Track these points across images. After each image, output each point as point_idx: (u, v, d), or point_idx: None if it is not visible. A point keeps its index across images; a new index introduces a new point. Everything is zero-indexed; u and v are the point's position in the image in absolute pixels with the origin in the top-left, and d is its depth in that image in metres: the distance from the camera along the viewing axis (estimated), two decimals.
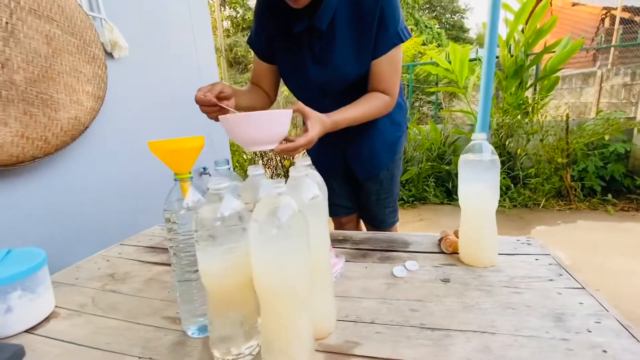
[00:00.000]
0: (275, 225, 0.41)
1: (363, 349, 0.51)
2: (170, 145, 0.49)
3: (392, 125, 1.00)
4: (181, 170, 0.51)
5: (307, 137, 0.71)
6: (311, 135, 0.72)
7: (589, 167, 2.96)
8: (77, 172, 1.04)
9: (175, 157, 0.50)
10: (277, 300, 0.44)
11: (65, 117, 0.87)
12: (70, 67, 0.88)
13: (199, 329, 0.56)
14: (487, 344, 0.50)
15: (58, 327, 0.61)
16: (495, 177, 0.68)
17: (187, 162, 0.51)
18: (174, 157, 0.50)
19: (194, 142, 0.51)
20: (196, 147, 0.51)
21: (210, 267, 0.46)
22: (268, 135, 0.65)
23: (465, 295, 0.62)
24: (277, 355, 0.45)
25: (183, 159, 0.50)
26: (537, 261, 0.73)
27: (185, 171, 0.51)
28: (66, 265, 0.85)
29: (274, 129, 0.65)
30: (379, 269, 0.74)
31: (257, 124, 0.63)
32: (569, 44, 3.16)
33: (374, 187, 1.04)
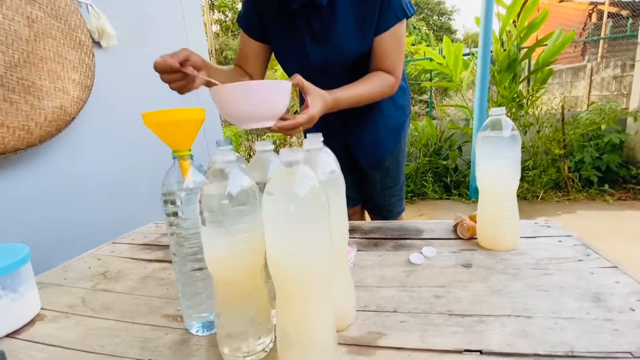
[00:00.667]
0: (292, 199, 0.35)
1: (389, 339, 0.46)
2: (167, 117, 0.43)
3: (396, 110, 0.96)
4: (180, 146, 0.45)
5: (307, 114, 0.65)
6: (312, 112, 0.65)
7: (585, 158, 2.97)
8: (64, 166, 0.97)
9: (172, 130, 0.44)
10: (295, 286, 0.38)
11: (50, 105, 0.81)
12: (54, 52, 0.81)
13: (204, 326, 0.50)
14: (524, 329, 0.45)
15: (44, 330, 0.54)
16: (516, 154, 0.64)
17: (187, 137, 0.45)
18: (171, 131, 0.44)
19: (194, 114, 0.45)
20: (196, 120, 0.46)
21: (218, 253, 0.41)
22: (267, 110, 0.58)
23: (490, 280, 0.58)
24: (295, 350, 0.40)
25: (182, 133, 0.45)
26: (561, 242, 0.69)
27: (184, 148, 0.46)
28: (53, 267, 0.78)
29: (274, 102, 0.59)
30: (393, 257, 0.69)
31: (256, 95, 0.56)
32: (560, 37, 3.18)
33: (379, 175, 0.99)
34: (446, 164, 3.37)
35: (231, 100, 0.57)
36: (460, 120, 3.78)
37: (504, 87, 3.32)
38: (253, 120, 0.59)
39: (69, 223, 1.00)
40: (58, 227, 0.96)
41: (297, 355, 0.40)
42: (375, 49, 0.82)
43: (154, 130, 0.44)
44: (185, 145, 0.46)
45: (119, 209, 1.14)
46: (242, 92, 0.56)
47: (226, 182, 0.40)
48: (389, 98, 0.94)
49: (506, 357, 0.41)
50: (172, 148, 0.46)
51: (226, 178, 0.40)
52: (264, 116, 0.59)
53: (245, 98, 0.56)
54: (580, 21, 5.82)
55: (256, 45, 0.89)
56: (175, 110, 0.43)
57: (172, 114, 0.43)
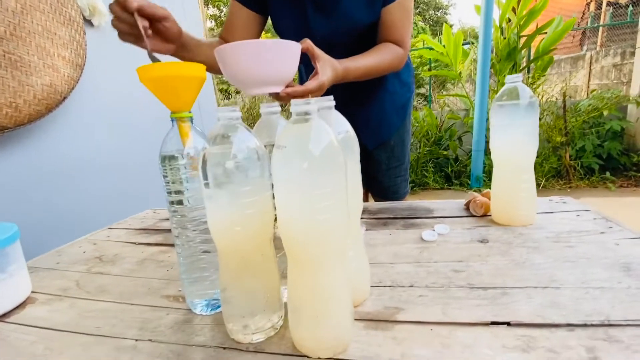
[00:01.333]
0: (306, 155, 0.32)
1: (407, 314, 0.42)
2: (164, 71, 0.39)
3: (401, 86, 0.92)
4: (179, 106, 0.42)
5: (317, 81, 0.60)
6: (322, 80, 0.61)
7: (586, 145, 2.95)
8: (56, 148, 0.92)
9: (171, 87, 0.40)
10: (309, 254, 0.35)
11: (39, 82, 0.76)
12: (42, 27, 0.77)
13: (208, 305, 0.47)
14: (553, 299, 0.42)
15: (35, 313, 0.51)
16: (534, 123, 0.61)
17: (186, 96, 0.41)
18: (169, 88, 0.40)
19: (195, 69, 0.41)
20: (197, 77, 0.42)
21: (223, 219, 0.37)
22: (277, 73, 0.54)
23: (510, 253, 0.54)
24: (309, 326, 0.36)
25: (181, 90, 0.41)
26: (580, 217, 0.66)
27: (184, 108, 0.42)
28: (45, 253, 0.74)
29: (285, 65, 0.54)
30: (404, 235, 0.66)
31: (267, 55, 0.51)
32: (560, 24, 3.14)
33: (384, 155, 0.96)
34: (447, 154, 3.34)
35: (240, 60, 0.51)
36: (460, 110, 3.75)
37: (504, 75, 3.29)
38: (262, 84, 0.54)
39: (62, 208, 0.95)
40: (50, 212, 0.92)
41: (311, 332, 0.36)
42: (383, 20, 0.78)
43: (151, 88, 0.40)
44: (185, 106, 0.42)
45: (115, 195, 1.09)
46: (253, 51, 0.51)
47: (231, 141, 0.36)
48: (394, 74, 0.90)
49: (537, 329, 0.38)
50: (170, 108, 0.42)
51: (231, 137, 0.36)
52: (274, 80, 0.54)
53: (256, 58, 0.51)
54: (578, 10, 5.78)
55: (248, 15, 0.82)
56: (174, 64, 0.39)
57: (170, 67, 0.39)
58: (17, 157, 0.83)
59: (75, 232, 0.84)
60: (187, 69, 0.40)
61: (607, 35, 4.90)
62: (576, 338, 0.36)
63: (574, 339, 0.36)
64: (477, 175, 2.72)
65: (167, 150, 0.42)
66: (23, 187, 0.87)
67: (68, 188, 0.98)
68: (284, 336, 0.41)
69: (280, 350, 0.39)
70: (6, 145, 0.81)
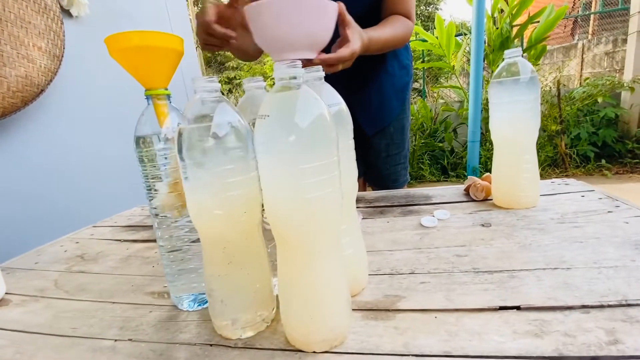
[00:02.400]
0: (292, 127, 0.28)
1: (409, 302, 0.39)
2: (136, 40, 0.35)
3: (400, 69, 0.89)
4: (153, 82, 0.38)
5: (350, 49, 0.56)
6: (354, 48, 0.57)
7: (582, 133, 2.95)
8: (34, 145, 0.88)
9: (143, 59, 0.36)
10: (299, 237, 0.31)
11: (13, 74, 0.72)
12: (15, 15, 0.72)
13: (195, 300, 0.43)
14: (564, 280, 0.39)
15: (7, 316, 0.47)
16: (535, 99, 0.58)
17: (162, 70, 0.38)
18: (141, 61, 0.36)
19: (171, 41, 0.37)
20: (173, 50, 0.38)
21: (203, 203, 0.34)
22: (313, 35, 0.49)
23: (515, 236, 0.52)
24: (301, 316, 0.33)
25: (154, 63, 0.37)
26: (584, 197, 0.63)
27: (159, 84, 0.38)
28: None
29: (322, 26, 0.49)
30: (403, 222, 0.63)
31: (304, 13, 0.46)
32: (552, 13, 3.13)
33: (383, 141, 0.93)
34: (442, 146, 3.32)
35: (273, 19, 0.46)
36: (454, 102, 3.73)
37: (497, 65, 3.27)
38: (297, 48, 0.49)
39: (43, 207, 0.91)
40: (30, 211, 0.87)
41: (304, 324, 0.33)
42: None
43: (121, 61, 0.36)
44: (160, 81, 0.38)
45: (98, 193, 1.05)
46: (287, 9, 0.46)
47: (209, 115, 0.33)
48: (394, 56, 0.87)
49: (550, 312, 0.35)
50: (143, 84, 0.38)
51: (209, 110, 0.33)
52: (311, 42, 0.50)
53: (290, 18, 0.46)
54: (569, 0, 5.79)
55: None
56: (147, 33, 0.35)
57: (142, 37, 0.35)
58: None
59: (57, 231, 0.79)
60: (161, 39, 0.36)
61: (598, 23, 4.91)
62: (593, 320, 0.33)
63: (591, 321, 0.33)
64: (473, 167, 2.70)
65: (143, 132, 0.39)
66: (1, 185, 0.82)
67: (49, 186, 0.93)
68: (276, 330, 0.37)
69: (272, 345, 0.35)
70: None
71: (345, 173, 0.39)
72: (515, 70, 0.58)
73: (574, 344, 0.30)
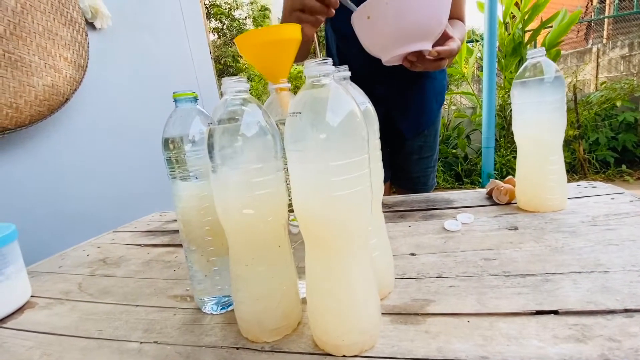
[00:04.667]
0: (323, 122, 0.28)
1: (439, 306, 0.38)
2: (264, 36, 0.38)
3: (440, 72, 0.88)
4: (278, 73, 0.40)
5: (457, 43, 0.55)
6: (458, 42, 0.56)
7: (600, 138, 2.87)
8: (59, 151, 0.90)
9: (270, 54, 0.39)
10: (328, 236, 0.31)
11: (40, 83, 0.74)
12: (43, 27, 0.75)
13: (218, 303, 0.43)
14: (603, 284, 0.38)
15: (34, 318, 0.47)
16: (561, 99, 0.57)
17: (286, 61, 0.41)
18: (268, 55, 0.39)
19: (292, 31, 0.39)
20: (295, 40, 0.40)
21: (231, 202, 0.34)
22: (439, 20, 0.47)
23: (545, 239, 0.50)
24: (330, 319, 0.32)
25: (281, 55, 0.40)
26: (614, 200, 0.61)
27: (283, 75, 0.41)
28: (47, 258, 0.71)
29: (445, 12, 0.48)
30: (425, 226, 0.62)
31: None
32: (566, 17, 3.09)
33: (417, 144, 0.92)
34: (456, 152, 3.28)
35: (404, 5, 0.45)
36: (467, 108, 3.70)
37: (510, 71, 3.23)
38: (413, 38, 0.48)
39: (65, 212, 0.93)
40: (53, 216, 0.89)
41: (333, 326, 0.32)
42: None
43: (250, 57, 0.39)
44: (284, 72, 0.41)
45: (119, 199, 1.07)
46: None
47: (238, 115, 0.33)
48: None
49: (590, 316, 0.33)
50: (269, 78, 0.41)
51: (238, 110, 0.33)
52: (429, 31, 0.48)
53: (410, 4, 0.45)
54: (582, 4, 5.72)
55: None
56: (272, 28, 0.38)
57: (269, 32, 0.38)
58: (19, 159, 0.81)
59: (79, 236, 0.81)
60: (286, 31, 0.38)
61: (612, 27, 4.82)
62: (638, 324, 0.31)
63: (636, 326, 0.31)
64: (488, 173, 2.65)
65: (171, 133, 0.39)
66: (25, 191, 0.85)
67: (71, 191, 0.96)
68: (303, 334, 0.37)
69: (299, 349, 0.35)
70: (8, 147, 0.79)
71: (372, 172, 0.39)
72: (540, 70, 0.57)
73: (621, 349, 0.29)
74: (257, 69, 0.41)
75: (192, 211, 0.40)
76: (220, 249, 0.41)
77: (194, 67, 1.48)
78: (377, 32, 0.49)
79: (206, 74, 1.57)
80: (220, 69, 10.38)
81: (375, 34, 0.50)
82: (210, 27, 12.89)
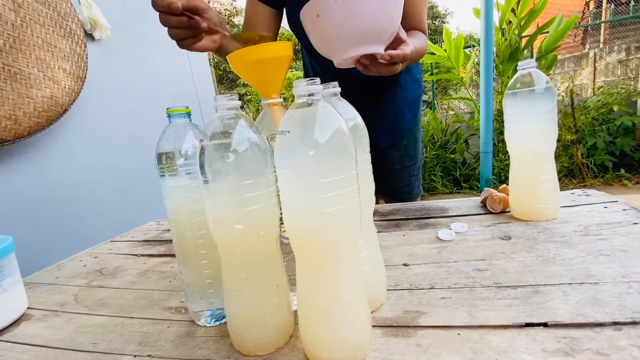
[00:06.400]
0: (311, 140, 0.29)
1: (430, 318, 0.38)
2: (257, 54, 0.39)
3: (412, 82, 0.90)
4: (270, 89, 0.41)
5: (410, 47, 0.54)
6: (411, 47, 0.55)
7: (598, 143, 2.88)
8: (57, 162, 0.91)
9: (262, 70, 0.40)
10: (318, 251, 0.31)
11: (39, 95, 0.75)
12: (42, 39, 0.77)
13: (212, 316, 0.43)
14: (593, 296, 0.38)
15: (29, 330, 0.48)
16: (552, 109, 0.57)
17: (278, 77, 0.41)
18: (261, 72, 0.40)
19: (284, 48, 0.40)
20: (287, 57, 0.41)
21: (223, 218, 0.34)
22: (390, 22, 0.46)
23: (537, 249, 0.50)
24: (320, 332, 0.33)
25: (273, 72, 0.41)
26: (607, 208, 0.61)
27: (275, 91, 0.41)
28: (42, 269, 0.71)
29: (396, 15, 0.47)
30: (419, 235, 0.62)
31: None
32: (562, 23, 3.12)
33: (397, 154, 0.93)
34: (454, 157, 3.29)
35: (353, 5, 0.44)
36: (465, 113, 3.72)
37: (508, 76, 3.26)
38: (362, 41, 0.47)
39: (63, 222, 0.93)
40: (51, 226, 0.90)
41: (324, 339, 0.33)
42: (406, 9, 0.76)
43: (243, 74, 0.40)
44: (276, 88, 0.41)
45: (116, 208, 1.07)
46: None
47: (230, 132, 0.34)
48: (405, 70, 0.88)
49: (579, 329, 0.34)
50: (262, 94, 0.41)
51: (230, 127, 0.34)
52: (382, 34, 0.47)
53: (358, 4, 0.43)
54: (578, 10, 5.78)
55: (266, 11, 0.80)
56: (265, 46, 0.39)
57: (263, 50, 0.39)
58: (18, 170, 0.82)
59: (77, 246, 0.81)
60: (279, 49, 0.39)
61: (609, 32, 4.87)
62: (626, 337, 0.32)
63: (624, 339, 0.31)
64: (486, 178, 2.65)
65: (165, 148, 0.40)
66: (24, 201, 0.85)
67: (70, 201, 0.96)
68: (295, 347, 0.37)
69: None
70: (6, 158, 0.80)
71: (362, 187, 0.39)
72: (530, 81, 0.57)
73: None
74: (250, 84, 0.42)
75: (185, 225, 0.41)
76: (213, 262, 0.42)
77: (193, 76, 1.49)
78: (327, 31, 0.47)
79: (205, 82, 1.59)
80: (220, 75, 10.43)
81: (325, 33, 0.48)
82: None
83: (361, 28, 0.46)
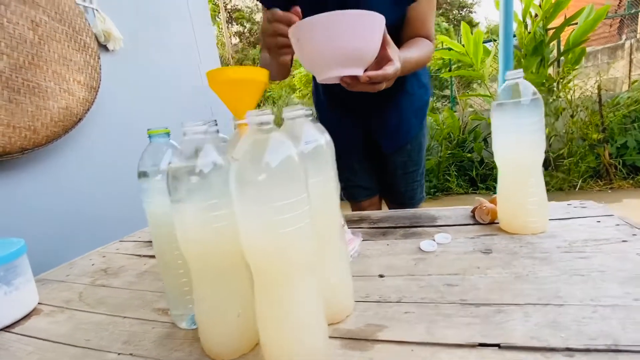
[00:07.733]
0: (260, 168, 0.31)
1: (389, 332, 0.40)
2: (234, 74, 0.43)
3: (419, 87, 0.89)
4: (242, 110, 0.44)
5: (394, 67, 0.55)
6: (397, 66, 0.56)
7: (629, 142, 2.70)
8: (72, 168, 0.99)
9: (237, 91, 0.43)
10: (272, 271, 0.34)
11: (56, 106, 0.82)
12: (58, 54, 0.83)
13: (192, 319, 0.47)
14: (554, 319, 0.38)
15: (37, 324, 0.53)
16: (539, 121, 0.56)
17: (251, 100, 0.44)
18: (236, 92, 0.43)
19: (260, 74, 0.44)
20: (262, 82, 0.44)
21: (191, 235, 0.37)
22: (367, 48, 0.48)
23: (513, 265, 0.50)
24: (276, 344, 0.35)
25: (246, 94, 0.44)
26: (600, 223, 0.59)
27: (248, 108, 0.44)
28: None
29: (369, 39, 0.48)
30: (403, 245, 0.63)
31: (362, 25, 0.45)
32: (592, 13, 2.93)
33: (400, 159, 0.93)
34: (471, 156, 3.20)
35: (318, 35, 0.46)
36: (485, 110, 3.59)
37: (531, 72, 3.11)
38: (346, 64, 0.49)
39: (78, 223, 1.01)
40: (66, 228, 0.98)
41: (280, 351, 0.35)
42: (412, 16, 0.76)
43: (219, 92, 0.43)
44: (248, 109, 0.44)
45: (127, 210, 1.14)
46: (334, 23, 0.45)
47: (196, 155, 0.36)
48: (413, 75, 0.88)
49: (530, 352, 0.34)
50: (234, 114, 0.44)
51: (197, 150, 0.36)
52: (361, 57, 0.49)
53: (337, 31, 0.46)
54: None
55: None
56: (242, 68, 0.43)
57: (239, 71, 0.42)
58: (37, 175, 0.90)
59: (89, 244, 0.88)
60: (254, 73, 0.42)
61: None
62: None
63: None
64: None
65: (144, 166, 0.43)
66: (44, 205, 0.93)
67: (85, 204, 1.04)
68: (258, 354, 0.40)
69: None
70: (27, 165, 0.88)
71: (326, 205, 0.41)
72: (517, 92, 0.56)
73: None
74: (225, 103, 0.45)
75: (164, 238, 0.44)
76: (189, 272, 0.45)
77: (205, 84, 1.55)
78: (306, 54, 0.50)
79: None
80: None
81: (304, 56, 0.50)
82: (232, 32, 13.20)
83: (338, 53, 0.48)
